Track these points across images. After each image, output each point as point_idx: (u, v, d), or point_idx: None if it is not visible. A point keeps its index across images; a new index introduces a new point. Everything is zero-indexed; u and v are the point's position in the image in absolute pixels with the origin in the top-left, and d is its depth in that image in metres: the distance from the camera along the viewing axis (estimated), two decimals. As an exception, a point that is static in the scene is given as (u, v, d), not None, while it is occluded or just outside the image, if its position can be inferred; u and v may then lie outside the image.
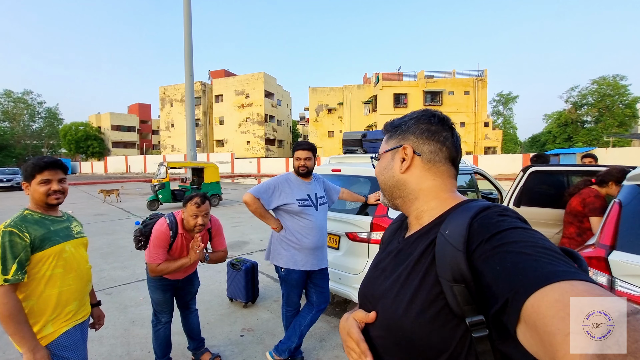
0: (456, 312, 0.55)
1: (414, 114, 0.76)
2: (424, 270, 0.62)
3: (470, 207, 0.63)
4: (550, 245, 0.49)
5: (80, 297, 1.60)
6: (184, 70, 13.28)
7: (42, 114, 48.25)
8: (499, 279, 0.48)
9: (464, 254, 0.55)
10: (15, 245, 1.36)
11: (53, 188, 1.51)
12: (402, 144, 0.74)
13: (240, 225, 8.05)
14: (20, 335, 1.34)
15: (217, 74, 45.59)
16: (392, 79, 32.00)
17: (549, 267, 0.44)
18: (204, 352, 2.49)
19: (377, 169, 0.78)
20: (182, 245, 2.12)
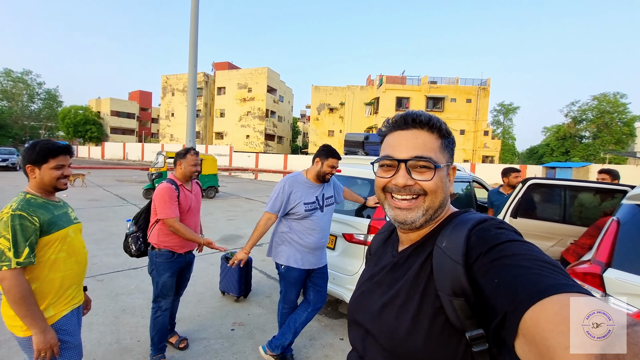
0: (457, 327, 0.54)
1: (442, 122, 0.70)
2: (423, 285, 0.60)
3: (466, 220, 0.62)
4: (548, 259, 0.49)
5: (79, 282, 1.61)
6: (188, 60, 13.14)
7: (41, 95, 47.64)
8: (498, 293, 0.48)
9: (464, 267, 0.54)
10: (26, 228, 1.36)
11: (65, 173, 1.52)
12: (452, 161, 0.71)
13: (236, 219, 8.03)
14: (31, 317, 1.35)
15: (221, 66, 45.34)
16: (396, 82, 32.02)
17: (547, 280, 0.44)
18: (173, 335, 2.60)
19: (434, 181, 0.65)
20: (185, 197, 2.33)
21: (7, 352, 2.41)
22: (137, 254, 2.38)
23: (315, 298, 2.43)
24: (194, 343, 2.64)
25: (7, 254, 1.32)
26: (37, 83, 46.68)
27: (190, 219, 2.40)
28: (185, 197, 2.35)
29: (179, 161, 2.39)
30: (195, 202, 2.46)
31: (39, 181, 1.50)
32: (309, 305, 2.43)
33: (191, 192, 2.43)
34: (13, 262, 1.32)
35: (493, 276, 0.49)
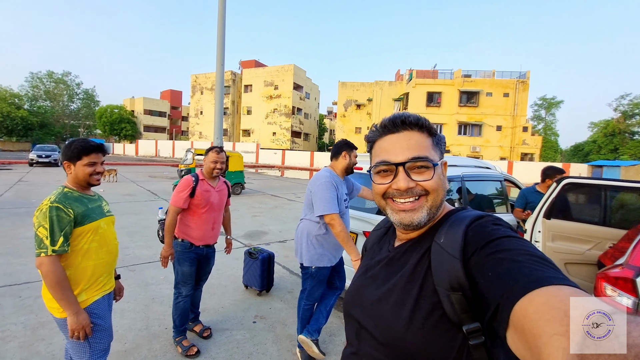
0: (453, 321, 0.55)
1: (428, 120, 0.71)
2: (421, 279, 0.61)
3: (464, 216, 0.64)
4: (540, 254, 0.50)
5: (110, 270, 1.72)
6: (216, 59, 13.58)
7: (80, 95, 50.96)
8: (491, 286, 0.49)
9: (461, 261, 0.56)
10: (61, 219, 1.46)
11: (98, 170, 1.63)
12: (443, 156, 0.72)
13: (260, 215, 8.17)
14: (66, 300, 1.45)
15: (248, 64, 46.26)
16: (427, 77, 30.77)
17: (537, 273, 0.45)
18: (197, 324, 2.72)
19: (435, 179, 0.65)
20: (203, 191, 2.40)
21: (50, 332, 2.61)
22: (162, 241, 2.49)
23: (341, 283, 2.58)
24: (217, 333, 2.72)
25: (45, 242, 1.43)
26: (75, 83, 50.04)
27: (209, 215, 2.45)
28: (204, 191, 2.41)
29: (204, 158, 2.51)
30: (217, 199, 2.51)
31: (74, 176, 1.61)
32: (337, 290, 2.55)
33: (214, 189, 2.49)
34: (49, 249, 1.43)
35: (487, 270, 0.51)
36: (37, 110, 44.08)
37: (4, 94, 41.20)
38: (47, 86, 47.40)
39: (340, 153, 2.32)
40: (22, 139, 41.86)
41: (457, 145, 29.14)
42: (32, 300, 3.15)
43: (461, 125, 29.73)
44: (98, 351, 1.59)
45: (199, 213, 2.39)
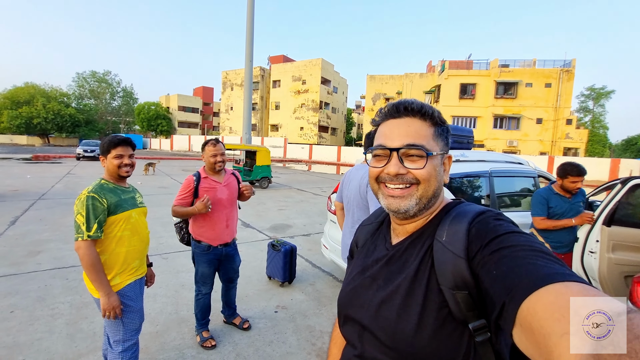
0: (459, 319, 0.55)
1: (436, 109, 0.68)
2: (425, 280, 0.60)
3: (465, 212, 0.62)
4: (545, 249, 0.49)
5: (141, 257, 1.85)
6: (245, 55, 13.89)
7: (120, 93, 54.24)
8: (496, 283, 0.48)
9: (466, 260, 0.55)
10: (96, 208, 1.61)
11: (124, 162, 1.75)
12: (447, 150, 0.70)
13: (286, 209, 8.31)
14: (99, 282, 1.60)
15: (276, 59, 46.77)
16: (460, 68, 29.21)
17: (544, 270, 0.44)
18: (236, 317, 2.77)
19: (427, 169, 0.64)
20: (208, 189, 2.37)
21: (92, 311, 2.87)
22: (183, 242, 2.55)
23: None
24: (240, 321, 2.83)
25: (81, 228, 1.57)
26: (116, 82, 53.21)
27: (219, 211, 2.39)
28: (209, 188, 2.36)
29: (202, 154, 2.43)
30: (226, 193, 2.44)
31: (107, 169, 1.76)
32: None
33: (220, 184, 2.42)
34: (85, 234, 1.57)
35: (491, 267, 0.50)
36: (83, 108, 47.68)
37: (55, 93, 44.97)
38: (92, 85, 51.05)
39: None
40: (70, 135, 45.45)
41: (493, 139, 27.58)
42: (77, 283, 3.46)
43: (497, 118, 28.05)
44: (130, 330, 1.73)
45: (210, 212, 2.34)
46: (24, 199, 7.91)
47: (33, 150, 28.28)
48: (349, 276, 0.78)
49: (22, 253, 4.28)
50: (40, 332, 2.55)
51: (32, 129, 41.45)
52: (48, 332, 2.55)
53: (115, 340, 1.70)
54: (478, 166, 3.33)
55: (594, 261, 2.96)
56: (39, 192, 8.91)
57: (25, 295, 3.12)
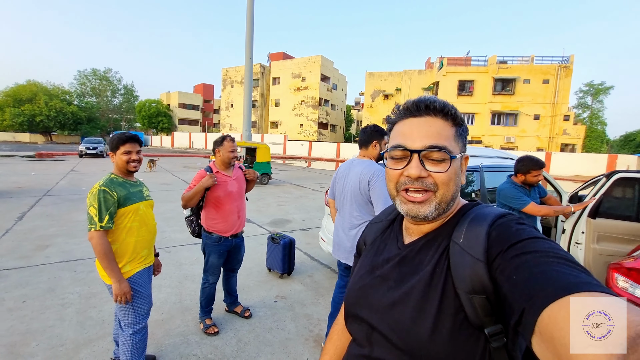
0: (475, 324, 0.54)
1: (456, 109, 0.65)
2: (442, 283, 0.58)
3: (484, 214, 0.61)
4: (570, 257, 0.48)
5: (149, 247, 1.99)
6: (245, 53, 13.95)
7: (121, 91, 54.04)
8: (517, 289, 0.47)
9: (485, 264, 0.53)
10: (107, 200, 1.74)
11: (132, 157, 1.88)
12: (465, 150, 0.67)
13: (286, 204, 8.45)
14: (111, 269, 1.73)
15: (276, 56, 46.64)
16: (459, 64, 29.18)
17: (567, 278, 0.43)
18: (237, 305, 2.92)
19: (449, 173, 0.61)
20: (222, 183, 2.51)
21: (99, 301, 3.02)
22: (194, 235, 2.67)
23: None
24: (241, 310, 2.98)
25: (94, 219, 1.70)
26: (116, 79, 53.00)
27: (230, 203, 2.54)
28: (220, 182, 2.50)
29: (217, 149, 2.55)
30: (236, 187, 2.60)
31: (116, 164, 1.88)
32: None
33: (231, 177, 2.58)
34: (97, 225, 1.70)
35: (512, 273, 0.49)
36: (85, 106, 47.45)
37: (57, 91, 44.82)
38: (93, 83, 50.86)
39: (371, 142, 2.20)
40: (72, 133, 45.26)
41: (490, 135, 27.69)
42: (85, 274, 3.60)
43: (495, 114, 28.13)
44: (140, 314, 1.87)
45: (220, 203, 2.50)
46: (30, 195, 8.04)
47: (36, 148, 28.31)
48: (356, 274, 0.75)
49: (31, 247, 4.42)
50: (51, 320, 2.70)
51: (35, 127, 41.36)
52: (59, 320, 2.69)
53: (126, 324, 1.84)
54: (470, 161, 3.46)
55: (579, 252, 3.11)
56: (44, 188, 9.04)
57: (36, 287, 3.26)
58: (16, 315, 2.73)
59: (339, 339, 0.82)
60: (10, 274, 3.55)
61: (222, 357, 2.33)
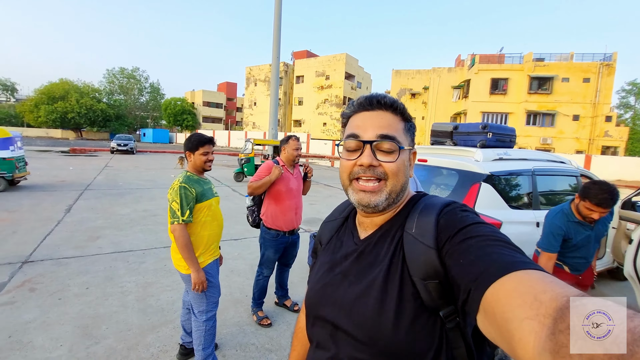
0: (430, 308, 0.57)
1: (399, 102, 0.69)
2: (399, 272, 0.60)
3: (432, 204, 0.64)
4: (508, 239, 0.52)
5: (218, 240, 2.10)
6: (272, 52, 14.16)
7: (147, 89, 55.66)
8: (463, 271, 0.50)
9: (436, 250, 0.57)
10: (187, 196, 1.85)
11: (209, 158, 1.99)
12: (413, 145, 0.71)
13: (316, 204, 8.52)
14: (191, 259, 1.84)
15: (300, 54, 46.87)
16: (492, 62, 27.88)
17: (507, 258, 0.47)
18: (287, 299, 3.02)
19: (397, 163, 0.64)
20: (285, 177, 2.65)
21: (156, 290, 3.19)
22: (253, 225, 2.79)
23: None
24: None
25: (177, 213, 1.81)
26: (144, 77, 54.62)
27: (290, 199, 2.65)
28: (285, 177, 2.63)
29: (283, 147, 2.70)
30: (296, 185, 2.72)
31: (193, 163, 1.98)
32: None
33: (292, 175, 2.71)
34: (180, 219, 1.81)
35: (459, 256, 0.52)
36: (114, 103, 49.38)
37: (87, 89, 47.09)
38: (121, 81, 52.82)
39: None
40: (101, 129, 47.39)
41: (525, 136, 26.39)
42: (137, 265, 3.81)
43: (530, 114, 26.78)
44: (212, 302, 1.97)
45: (281, 198, 2.61)
46: (72, 189, 8.57)
47: (68, 144, 30.10)
48: (315, 275, 0.75)
49: (83, 238, 4.72)
50: (115, 306, 2.88)
51: (67, 123, 43.52)
52: (122, 307, 2.87)
53: (200, 311, 1.94)
54: (521, 164, 3.34)
55: None
56: (84, 183, 9.61)
57: (95, 275, 3.49)
58: (83, 301, 2.94)
59: (304, 335, 0.83)
60: (70, 262, 3.81)
61: (278, 348, 2.41)
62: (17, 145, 8.04)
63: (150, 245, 4.51)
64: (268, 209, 2.65)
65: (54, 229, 5.03)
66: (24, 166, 8.31)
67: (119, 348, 2.31)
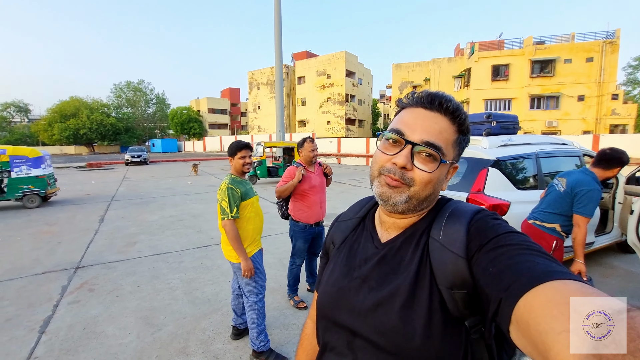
0: (456, 317, 0.56)
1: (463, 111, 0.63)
2: (428, 281, 0.58)
3: (462, 211, 0.62)
4: (542, 249, 0.51)
5: (261, 233, 2.42)
6: (274, 57, 14.51)
7: (153, 100, 56.65)
8: (493, 281, 0.48)
9: (466, 259, 0.55)
10: (234, 195, 2.17)
11: (247, 161, 2.31)
12: (458, 160, 0.66)
13: (330, 200, 8.80)
14: (240, 250, 2.17)
15: (300, 55, 47.17)
16: (492, 49, 27.76)
17: (540, 268, 0.45)
18: None
19: (432, 175, 0.60)
20: (308, 177, 2.97)
21: (199, 284, 3.56)
22: (283, 217, 3.13)
23: None
24: (319, 291, 3.38)
25: (227, 210, 2.14)
26: (149, 89, 55.61)
27: (314, 195, 2.97)
28: (306, 177, 2.95)
29: (300, 150, 3.02)
30: (318, 181, 3.03)
31: (234, 166, 2.31)
32: None
33: (314, 173, 3.02)
34: (229, 215, 2.13)
35: (488, 265, 0.51)
36: (122, 117, 50.43)
37: (96, 104, 48.21)
38: (127, 95, 53.91)
39: None
40: (112, 143, 48.52)
41: (530, 120, 26.23)
42: (177, 264, 4.18)
43: (534, 98, 26.61)
44: (260, 286, 2.30)
45: (307, 194, 2.94)
46: (99, 201, 9.06)
47: (83, 159, 31.01)
48: (330, 277, 0.71)
49: (122, 244, 5.13)
50: (167, 299, 3.24)
51: (79, 139, 44.77)
52: (173, 300, 3.23)
53: (251, 294, 2.27)
54: (525, 149, 3.59)
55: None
56: (109, 194, 10.11)
57: (142, 275, 3.87)
58: (137, 296, 3.31)
59: (310, 343, 0.81)
60: (117, 265, 4.21)
61: (317, 327, 2.73)
62: (47, 163, 8.57)
63: (184, 247, 4.89)
64: (295, 205, 2.98)
65: (94, 238, 5.45)
66: (54, 182, 8.84)
67: (179, 333, 2.67)
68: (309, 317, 0.85)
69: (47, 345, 2.53)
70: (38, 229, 6.18)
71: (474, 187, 3.17)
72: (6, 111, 51.27)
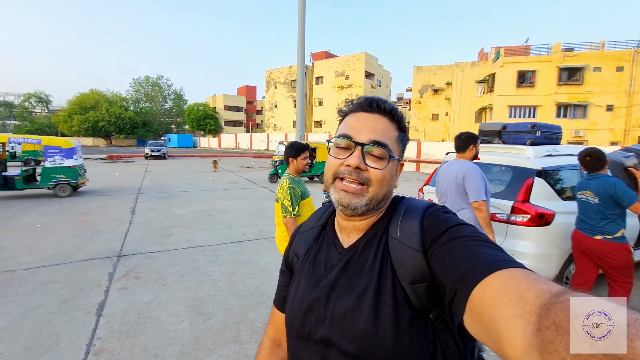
0: (421, 311, 0.57)
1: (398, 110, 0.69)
2: (390, 280, 0.59)
3: (415, 206, 0.65)
4: (489, 239, 0.53)
5: None
6: (297, 56, 14.39)
7: (171, 96, 57.59)
8: (449, 272, 0.51)
9: (423, 252, 0.57)
10: (295, 194, 2.25)
11: (307, 162, 2.40)
12: (402, 156, 0.70)
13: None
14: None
15: (318, 55, 47.31)
16: (518, 54, 27.18)
17: (491, 258, 0.47)
18: None
19: (384, 171, 0.63)
20: None
21: (240, 278, 3.67)
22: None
23: None
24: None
25: (289, 209, 2.22)
26: (167, 85, 56.51)
27: None
28: None
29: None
30: None
31: (295, 167, 2.39)
32: None
33: None
34: (291, 213, 2.21)
35: (444, 257, 0.53)
36: (140, 111, 51.46)
37: (115, 98, 49.37)
38: (146, 89, 54.99)
39: (468, 146, 2.69)
40: (129, 136, 49.50)
41: (555, 130, 25.57)
42: (215, 258, 4.31)
43: (560, 106, 25.88)
44: None
45: None
46: (127, 193, 9.36)
47: (102, 151, 31.79)
48: (297, 292, 0.70)
49: (158, 235, 5.31)
50: (212, 290, 3.36)
51: (98, 132, 45.84)
52: (218, 291, 3.35)
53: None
54: (568, 160, 3.56)
55: None
56: (135, 187, 10.40)
57: (183, 266, 4.01)
58: (183, 286, 3.44)
59: (268, 355, 0.81)
60: (157, 255, 4.37)
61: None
62: (79, 154, 8.92)
63: (217, 242, 5.04)
64: None
65: (129, 229, 5.67)
66: (84, 173, 9.19)
67: (229, 322, 2.78)
68: (266, 335, 0.84)
69: (107, 327, 2.68)
70: (73, 217, 6.45)
71: (519, 195, 3.16)
72: (28, 101, 53.17)
